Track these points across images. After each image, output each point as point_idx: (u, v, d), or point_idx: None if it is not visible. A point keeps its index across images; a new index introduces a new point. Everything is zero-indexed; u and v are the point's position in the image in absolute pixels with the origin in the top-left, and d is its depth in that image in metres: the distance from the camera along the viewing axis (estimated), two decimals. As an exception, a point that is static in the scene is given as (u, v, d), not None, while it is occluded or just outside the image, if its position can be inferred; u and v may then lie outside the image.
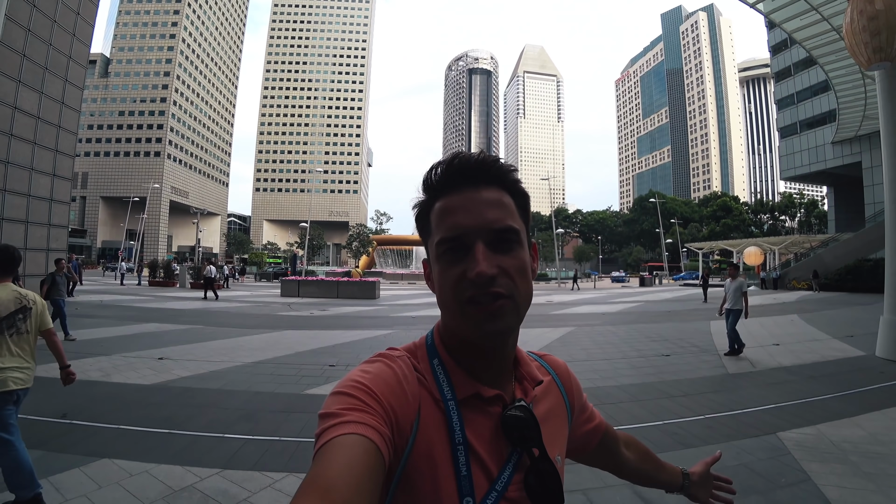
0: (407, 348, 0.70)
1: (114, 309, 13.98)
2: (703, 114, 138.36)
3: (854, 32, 7.76)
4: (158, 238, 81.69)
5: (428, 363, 0.66)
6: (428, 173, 0.66)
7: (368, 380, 0.59)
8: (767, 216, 72.32)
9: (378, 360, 0.64)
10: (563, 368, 0.82)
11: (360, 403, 0.55)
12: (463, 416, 0.62)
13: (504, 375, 0.68)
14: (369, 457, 0.49)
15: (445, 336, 0.68)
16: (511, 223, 0.63)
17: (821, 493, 2.92)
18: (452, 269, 0.61)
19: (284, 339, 9.07)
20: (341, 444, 0.49)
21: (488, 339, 0.61)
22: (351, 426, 0.51)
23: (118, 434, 3.87)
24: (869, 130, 28.65)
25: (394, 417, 0.57)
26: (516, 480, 0.61)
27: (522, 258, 0.63)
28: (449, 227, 0.62)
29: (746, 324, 11.76)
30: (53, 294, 8.56)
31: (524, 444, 0.62)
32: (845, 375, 6.22)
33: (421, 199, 0.68)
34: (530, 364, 0.73)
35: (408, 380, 0.62)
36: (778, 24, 17.49)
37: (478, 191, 0.63)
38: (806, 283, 28.17)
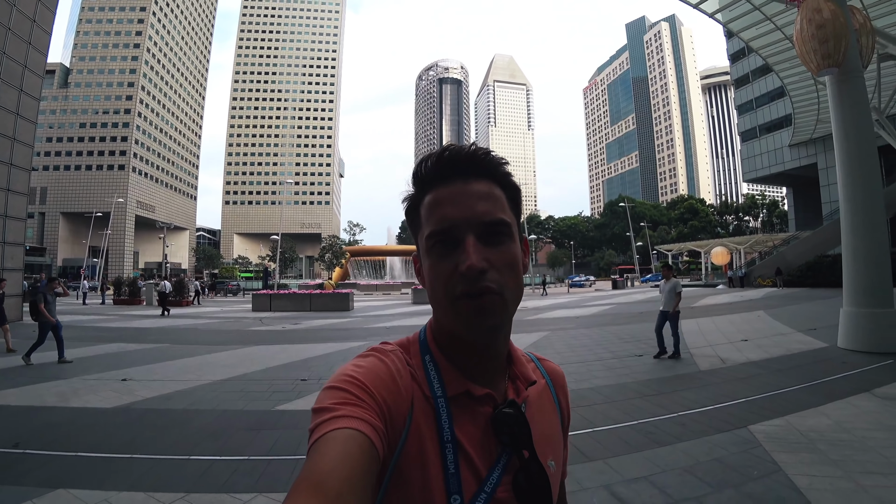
0: (400, 343, 0.68)
1: (74, 329, 13.32)
2: (668, 120, 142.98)
3: (804, 41, 8.13)
4: (124, 254, 78.67)
5: (420, 359, 0.65)
6: (418, 166, 0.65)
7: (361, 374, 0.57)
8: (732, 217, 74.99)
9: (371, 354, 0.63)
10: (561, 378, 0.80)
11: (354, 398, 0.54)
12: (453, 414, 0.61)
13: (496, 374, 0.67)
14: (363, 451, 0.49)
15: (437, 332, 0.67)
16: (502, 216, 0.62)
17: (792, 483, 2.97)
18: (443, 262, 0.60)
19: (255, 354, 8.82)
20: (335, 439, 0.49)
21: (478, 335, 0.61)
22: (344, 420, 0.51)
23: (75, 462, 3.65)
24: (823, 133, 30.08)
25: (387, 411, 0.56)
26: (505, 482, 0.60)
27: (513, 252, 0.62)
28: (438, 219, 0.61)
29: (716, 321, 12.14)
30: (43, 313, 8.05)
31: (514, 444, 0.61)
32: (810, 367, 6.43)
33: (410, 193, 0.67)
34: (525, 364, 0.72)
35: (401, 374, 0.61)
36: (736, 33, 18.24)
37: (468, 183, 0.62)
38: (770, 280, 29.19)
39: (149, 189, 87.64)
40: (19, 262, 16.13)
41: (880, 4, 15.42)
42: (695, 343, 8.74)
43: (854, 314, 7.69)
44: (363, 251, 55.11)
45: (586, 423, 4.31)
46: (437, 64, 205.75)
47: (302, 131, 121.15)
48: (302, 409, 5.07)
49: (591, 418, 4.46)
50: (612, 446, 3.75)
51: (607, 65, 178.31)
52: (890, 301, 7.63)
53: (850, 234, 8.00)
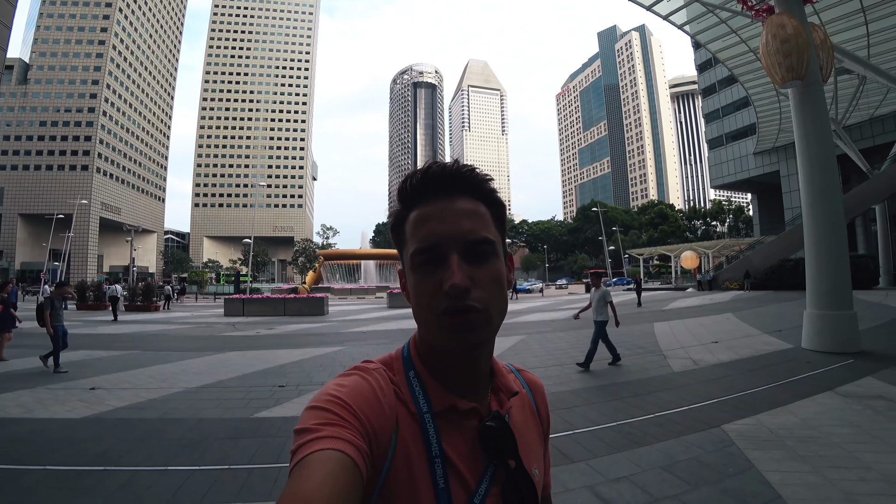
0: (383, 360, 0.68)
1: (35, 337, 12.72)
2: (638, 127, 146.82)
3: (769, 53, 8.52)
4: (87, 258, 75.48)
5: (404, 375, 0.65)
6: (403, 183, 0.66)
7: (344, 393, 0.57)
8: (700, 222, 77.37)
9: (353, 373, 0.63)
10: (540, 388, 0.82)
11: (336, 418, 0.54)
12: (440, 429, 0.61)
13: (480, 387, 0.67)
14: (346, 472, 0.48)
15: (421, 348, 0.67)
16: (486, 234, 0.62)
17: (764, 479, 3.11)
18: (427, 280, 0.60)
19: (230, 360, 8.61)
20: (317, 461, 0.48)
21: (463, 352, 0.62)
22: (327, 441, 0.50)
23: (44, 476, 3.49)
24: (785, 142, 31.52)
25: (371, 431, 0.56)
26: (493, 493, 0.61)
27: (498, 269, 0.63)
28: (423, 237, 0.61)
29: (687, 324, 12.50)
30: (53, 320, 7.72)
31: (500, 455, 0.62)
32: (777, 367, 6.71)
33: (396, 210, 0.68)
34: (507, 375, 0.73)
35: (384, 392, 0.61)
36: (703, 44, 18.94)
37: (453, 201, 0.63)
38: (738, 283, 30.24)
39: (114, 190, 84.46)
40: (-25, 266, 15.31)
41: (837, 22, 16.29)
42: (668, 345, 8.99)
43: (816, 316, 8.07)
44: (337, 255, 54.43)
45: (567, 426, 4.39)
46: (412, 68, 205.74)
47: (274, 133, 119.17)
48: (281, 416, 4.98)
49: (571, 420, 4.54)
50: (594, 447, 3.83)
51: (580, 72, 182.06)
52: (849, 303, 8.04)
53: (812, 239, 8.39)
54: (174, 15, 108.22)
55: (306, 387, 6.15)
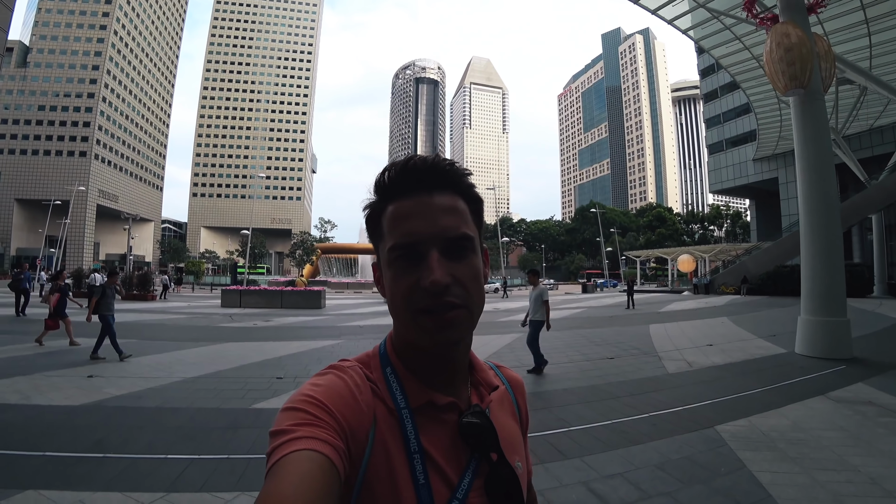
0: (359, 358, 0.68)
1: (32, 324, 12.71)
2: (639, 130, 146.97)
3: (773, 61, 8.57)
4: (83, 245, 75.16)
5: (381, 372, 0.65)
6: (381, 175, 0.65)
7: (319, 393, 0.57)
8: (698, 226, 77.71)
9: (329, 371, 0.63)
10: (519, 383, 0.82)
11: (312, 418, 0.53)
12: (418, 425, 0.61)
13: (458, 382, 0.67)
14: (323, 472, 0.48)
15: (398, 344, 0.67)
16: (465, 230, 0.62)
17: (755, 479, 3.18)
18: (405, 276, 0.60)
19: (227, 351, 8.64)
20: (293, 461, 0.48)
21: (440, 349, 0.61)
22: (303, 442, 0.50)
23: (44, 462, 3.51)
24: (784, 149, 31.66)
25: (348, 429, 0.55)
26: (476, 486, 0.60)
27: (476, 266, 0.63)
28: (402, 233, 0.61)
29: (682, 326, 12.59)
30: (102, 308, 7.73)
31: (482, 449, 0.62)
32: (771, 371, 6.80)
33: (372, 202, 0.66)
34: (486, 370, 0.73)
35: (360, 390, 0.60)
36: (706, 49, 18.99)
37: (431, 196, 0.62)
38: (733, 287, 30.40)
39: (112, 178, 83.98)
40: (-29, 250, 15.26)
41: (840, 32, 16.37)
42: (663, 347, 9.06)
43: (810, 322, 8.15)
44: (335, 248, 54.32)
45: (563, 423, 4.44)
46: (415, 63, 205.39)
47: (275, 125, 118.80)
48: (279, 407, 4.97)
49: (566, 418, 4.60)
50: (588, 445, 3.89)
51: (582, 73, 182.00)
52: (843, 310, 8.13)
53: (808, 247, 8.47)
54: (176, 2, 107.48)
55: (304, 379, 6.12)
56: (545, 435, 4.14)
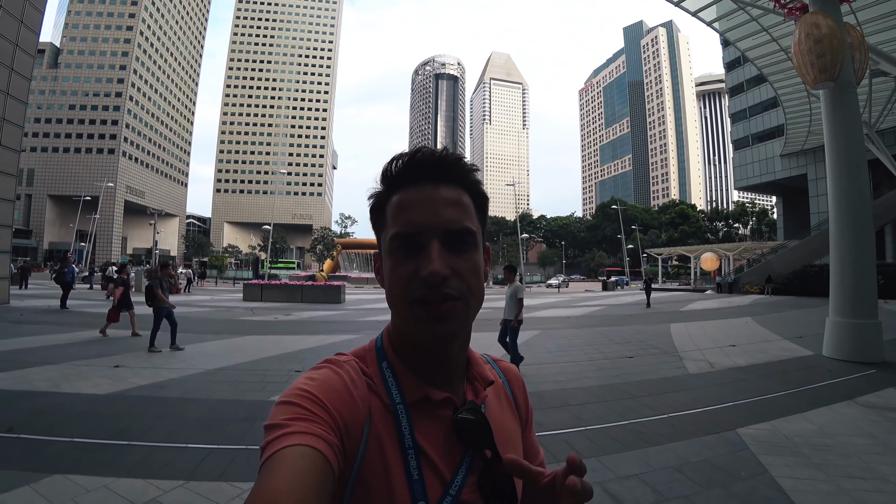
0: (355, 352, 0.68)
1: (62, 314, 13.19)
2: (662, 125, 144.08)
3: (801, 53, 8.27)
4: (112, 239, 77.50)
5: (377, 367, 0.65)
6: (388, 165, 0.65)
7: (314, 387, 0.57)
8: (722, 223, 75.80)
9: (324, 366, 0.62)
10: (515, 375, 0.81)
11: (306, 412, 0.53)
12: (413, 420, 0.61)
13: (455, 377, 0.67)
14: (316, 467, 0.48)
15: (395, 338, 0.67)
16: (468, 224, 0.62)
17: (777, 484, 3.08)
18: (404, 265, 0.60)
19: (247, 344, 8.80)
20: (287, 457, 0.48)
21: (436, 341, 0.61)
22: (297, 437, 0.50)
23: (70, 447, 3.64)
24: (814, 145, 30.60)
25: (342, 424, 0.55)
26: (470, 483, 0.60)
27: (476, 260, 0.63)
28: (404, 222, 0.61)
29: (704, 326, 12.34)
30: (161, 301, 7.98)
31: (476, 446, 0.61)
32: (795, 374, 6.59)
33: (378, 191, 0.66)
34: (482, 365, 0.73)
35: (356, 384, 0.60)
36: (732, 42, 18.43)
37: (437, 188, 0.62)
38: (758, 287, 29.64)
39: (139, 174, 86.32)
40: (7, 244, 15.88)
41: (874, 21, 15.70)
42: (683, 346, 8.89)
43: (839, 324, 7.88)
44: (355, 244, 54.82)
45: (578, 422, 4.39)
46: (434, 59, 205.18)
47: (296, 122, 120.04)
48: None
49: (583, 417, 4.55)
50: (605, 445, 3.83)
51: (604, 67, 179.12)
52: (874, 312, 7.82)
53: (838, 245, 8.17)
54: (199, 2, 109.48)
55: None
56: (562, 433, 4.10)
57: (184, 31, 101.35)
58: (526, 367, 6.89)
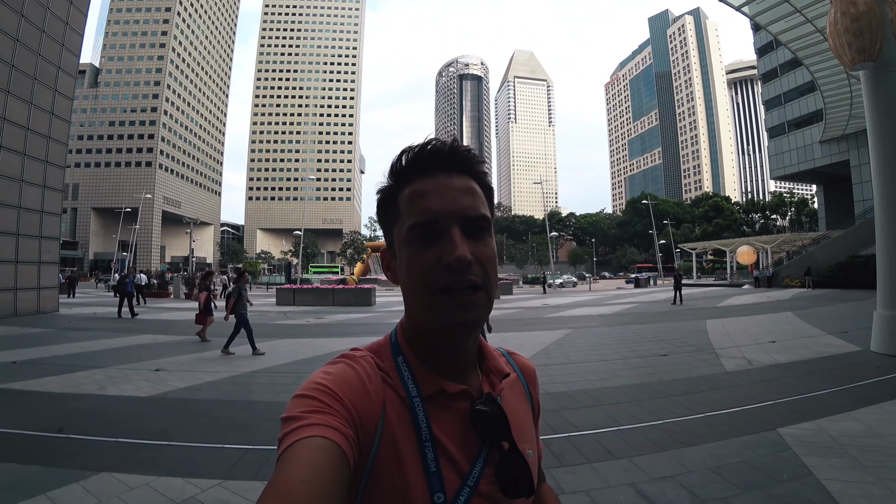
0: (370, 347, 0.68)
1: (107, 321, 13.82)
2: (692, 116, 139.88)
3: (838, 34, 7.88)
4: (151, 248, 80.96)
5: (392, 361, 0.65)
6: (397, 158, 0.65)
7: (330, 381, 0.57)
8: (759, 215, 73.02)
9: (340, 360, 0.63)
10: (531, 371, 0.81)
11: (322, 405, 0.54)
12: (429, 413, 0.61)
13: (469, 369, 0.67)
14: (332, 459, 0.48)
15: (409, 332, 0.67)
16: (484, 211, 0.63)
17: (822, 487, 2.93)
18: (425, 254, 0.59)
19: (280, 347, 9.00)
20: (303, 448, 0.48)
21: (457, 330, 0.61)
22: (313, 429, 0.50)
23: (115, 447, 3.81)
24: (855, 129, 29.07)
25: (357, 418, 0.56)
26: (487, 474, 0.61)
27: (493, 247, 0.63)
28: (422, 210, 0.60)
29: (742, 322, 11.89)
30: (238, 307, 8.41)
31: (493, 437, 0.62)
32: (841, 370, 6.27)
33: (387, 184, 0.67)
34: (497, 358, 0.73)
35: (371, 379, 0.61)
36: (763, 26, 17.74)
37: (450, 177, 0.62)
38: (798, 280, 28.40)
39: (175, 185, 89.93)
40: (55, 255, 16.76)
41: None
42: (720, 343, 8.59)
43: (889, 317, 7.45)
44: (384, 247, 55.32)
45: (611, 422, 4.30)
46: (457, 60, 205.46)
47: (323, 128, 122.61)
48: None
49: (615, 417, 4.46)
50: (638, 445, 3.74)
51: (629, 59, 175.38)
52: (927, 303, 7.37)
53: (886, 234, 7.74)
54: (227, 17, 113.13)
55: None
56: (594, 433, 4.03)
57: (213, 46, 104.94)
58: (556, 366, 6.80)
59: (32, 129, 15.35)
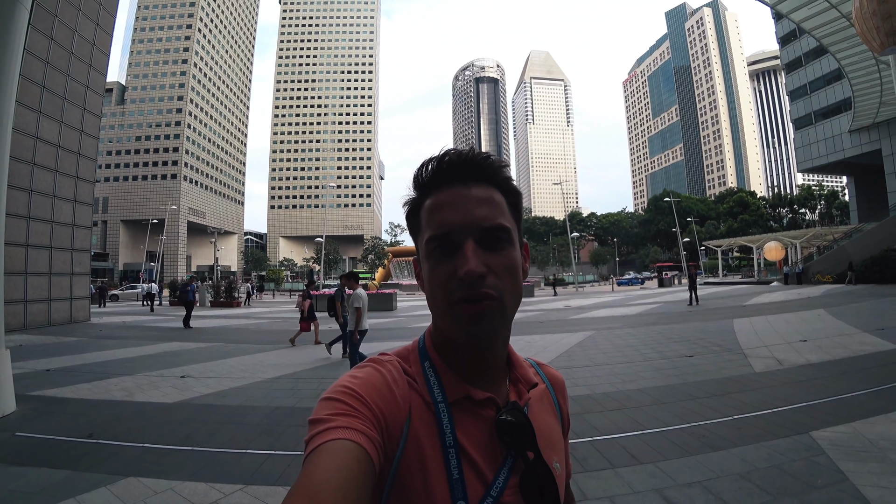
0: (398, 352, 0.69)
1: (136, 329, 14.23)
2: (713, 110, 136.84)
3: (864, 18, 7.60)
4: (178, 258, 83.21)
5: (419, 366, 0.66)
6: (418, 170, 0.66)
7: (357, 385, 0.58)
8: (786, 210, 70.75)
9: (368, 364, 0.64)
10: (560, 383, 0.80)
11: (349, 408, 0.54)
12: (455, 419, 0.61)
13: (497, 377, 0.67)
14: (358, 462, 0.49)
15: (436, 338, 0.68)
16: (501, 221, 0.62)
17: (860, 494, 2.79)
18: (441, 267, 0.60)
19: (304, 353, 9.13)
20: (329, 450, 0.49)
21: (475, 339, 0.61)
22: (340, 431, 0.51)
23: (142, 452, 3.91)
24: (887, 116, 28.00)
25: (383, 422, 0.56)
26: (512, 484, 0.60)
27: (513, 257, 0.62)
28: (438, 224, 0.61)
29: (771, 320, 11.51)
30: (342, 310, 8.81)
31: (518, 446, 0.61)
32: (879, 370, 5.99)
33: (412, 197, 0.67)
34: (526, 368, 0.73)
35: (397, 383, 0.61)
36: (785, 14, 17.29)
37: (468, 188, 0.62)
38: (831, 276, 27.40)
39: (199, 196, 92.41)
40: (86, 266, 17.36)
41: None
42: (749, 343, 8.34)
43: (928, 312, 7.12)
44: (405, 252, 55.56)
45: (636, 426, 4.21)
46: (473, 63, 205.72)
47: (342, 136, 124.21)
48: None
49: (640, 420, 4.36)
50: (664, 449, 3.64)
51: (647, 55, 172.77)
52: (970, 298, 7.01)
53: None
54: (246, 32, 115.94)
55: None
56: (618, 437, 3.94)
57: (234, 60, 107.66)
58: (579, 369, 6.71)
59: (63, 146, 15.95)
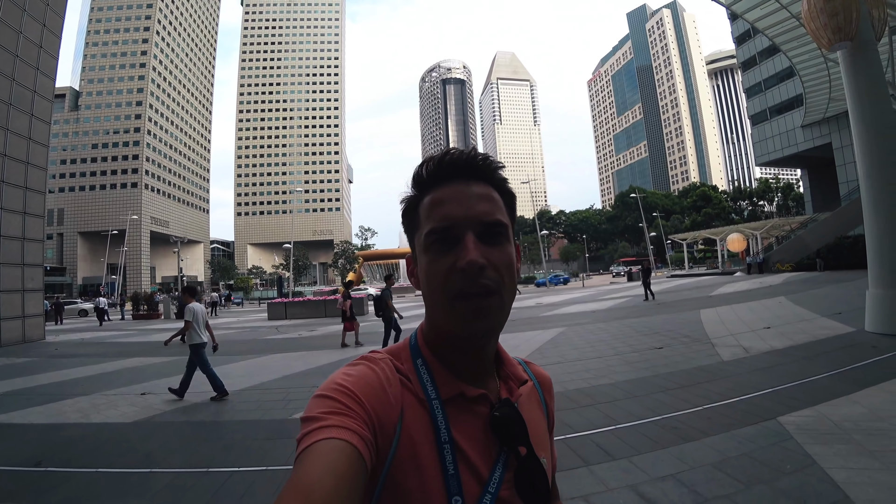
0: (389, 351, 0.68)
1: (95, 346, 13.54)
2: (675, 108, 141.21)
3: (813, 17, 7.90)
4: (141, 270, 79.91)
5: (412, 364, 0.65)
6: (419, 168, 0.67)
7: (350, 382, 0.57)
8: (746, 202, 73.58)
9: (360, 363, 0.63)
10: (547, 381, 0.82)
11: (342, 407, 0.54)
12: (448, 416, 0.61)
13: (487, 375, 0.68)
14: (350, 461, 0.49)
15: (429, 335, 0.68)
16: (500, 217, 0.64)
17: (828, 477, 2.83)
18: (441, 259, 0.61)
19: (271, 363, 8.84)
20: (321, 449, 0.49)
21: (474, 336, 0.61)
22: (332, 430, 0.51)
23: (95, 478, 3.65)
24: (836, 111, 29.40)
25: (376, 420, 0.56)
26: (506, 479, 0.61)
27: (510, 253, 0.63)
28: (439, 217, 0.62)
29: (736, 309, 11.87)
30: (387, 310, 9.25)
31: (512, 443, 0.62)
32: (838, 353, 6.21)
33: (410, 194, 0.68)
34: (515, 365, 0.74)
35: (390, 382, 0.61)
36: (740, 14, 17.90)
37: (468, 185, 0.64)
38: (790, 265, 28.56)
39: (162, 205, 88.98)
40: (39, 282, 16.42)
41: (891, -24, 14.98)
42: (715, 333, 8.54)
43: (881, 296, 7.43)
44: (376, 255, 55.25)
45: (609, 421, 4.20)
46: (440, 65, 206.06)
47: (309, 140, 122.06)
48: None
49: (613, 415, 4.35)
50: (637, 444, 3.64)
51: (610, 55, 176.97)
52: (918, 280, 7.35)
53: (873, 213, 7.73)
54: (207, 34, 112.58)
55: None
56: (591, 434, 3.91)
57: (194, 63, 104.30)
58: (551, 366, 6.70)
59: (10, 155, 15.06)
